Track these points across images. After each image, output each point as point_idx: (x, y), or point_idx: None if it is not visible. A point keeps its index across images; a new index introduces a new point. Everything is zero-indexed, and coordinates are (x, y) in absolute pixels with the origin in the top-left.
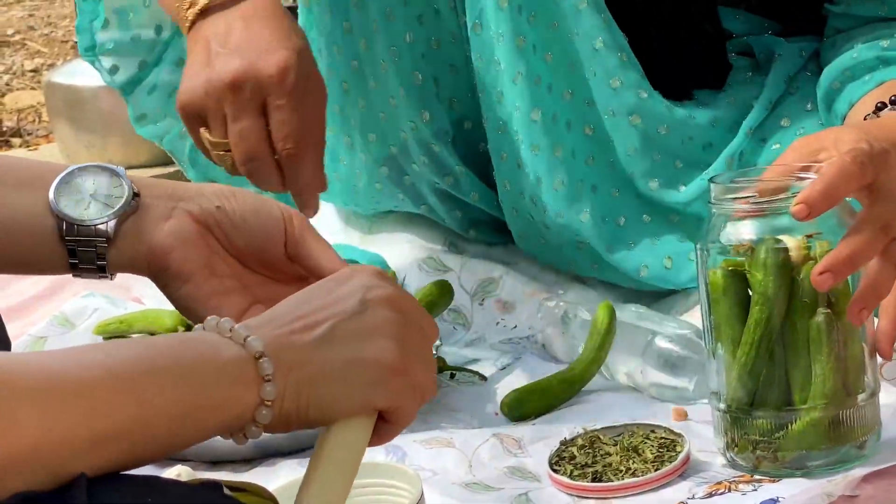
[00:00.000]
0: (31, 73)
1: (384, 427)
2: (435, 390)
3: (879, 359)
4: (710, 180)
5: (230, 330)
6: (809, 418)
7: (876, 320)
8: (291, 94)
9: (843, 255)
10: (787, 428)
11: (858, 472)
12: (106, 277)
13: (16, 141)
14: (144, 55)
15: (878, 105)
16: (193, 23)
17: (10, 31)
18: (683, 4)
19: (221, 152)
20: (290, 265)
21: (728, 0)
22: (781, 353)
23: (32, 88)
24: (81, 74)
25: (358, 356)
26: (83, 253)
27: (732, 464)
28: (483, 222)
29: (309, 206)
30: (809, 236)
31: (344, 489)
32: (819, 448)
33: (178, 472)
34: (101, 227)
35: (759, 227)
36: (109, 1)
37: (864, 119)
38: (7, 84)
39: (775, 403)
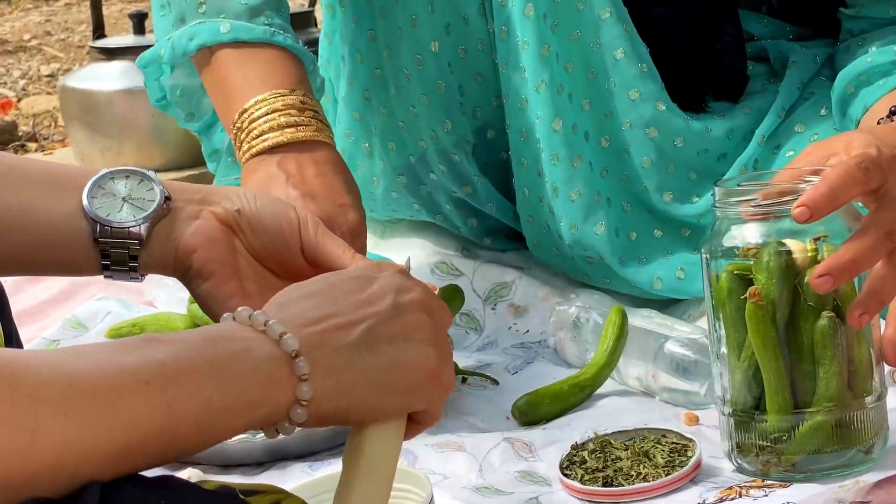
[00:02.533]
0: (48, 78)
1: (411, 427)
2: (455, 385)
3: (888, 366)
4: (716, 184)
5: (264, 324)
6: (813, 421)
7: (883, 323)
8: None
9: (844, 259)
10: (791, 431)
11: (870, 477)
12: (137, 279)
13: (31, 145)
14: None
15: (893, 109)
16: (255, 155)
17: (26, 37)
18: (706, 16)
19: None
20: (310, 269)
21: (749, 3)
22: (786, 357)
23: (48, 93)
24: (96, 79)
25: (398, 361)
26: (116, 255)
27: (739, 468)
28: (498, 231)
29: None
30: (817, 239)
31: (387, 494)
32: (825, 451)
33: (188, 474)
34: (135, 230)
35: (764, 230)
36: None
37: (879, 123)
38: (23, 89)
39: (780, 407)
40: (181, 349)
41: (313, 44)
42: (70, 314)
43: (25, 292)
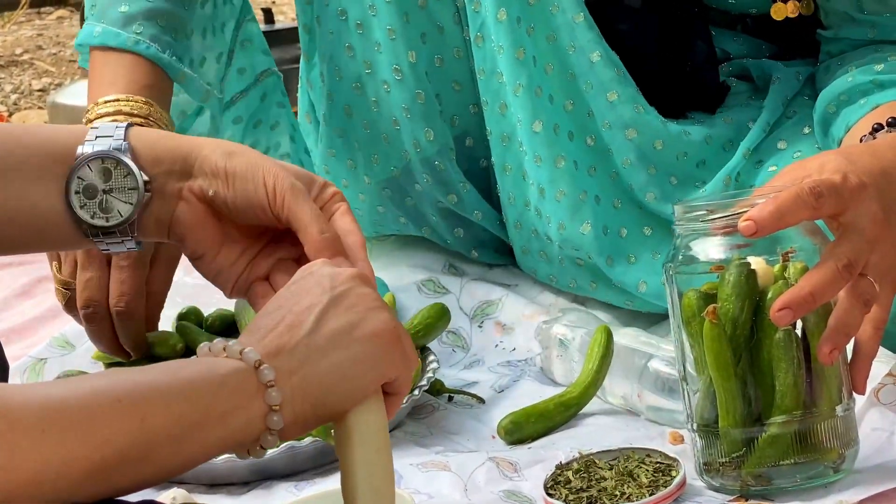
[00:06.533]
0: (39, 93)
1: (388, 401)
2: (417, 358)
3: (874, 382)
4: (675, 204)
5: (224, 349)
6: (769, 434)
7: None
8: (134, 256)
9: (803, 293)
10: (750, 445)
11: (853, 496)
12: (134, 249)
13: None
14: (184, 106)
15: (875, 126)
16: None
17: (18, 51)
18: (673, 32)
19: (61, 288)
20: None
21: (724, 22)
22: (743, 373)
23: (40, 108)
24: (85, 95)
25: (355, 335)
26: (110, 245)
27: (709, 486)
28: (485, 242)
29: (138, 353)
30: (786, 257)
31: (389, 470)
32: (785, 464)
33: (173, 495)
34: (122, 228)
35: (724, 246)
36: None
37: (861, 141)
38: (15, 103)
39: (735, 421)
40: (150, 372)
41: (297, 60)
42: (57, 332)
43: (14, 309)
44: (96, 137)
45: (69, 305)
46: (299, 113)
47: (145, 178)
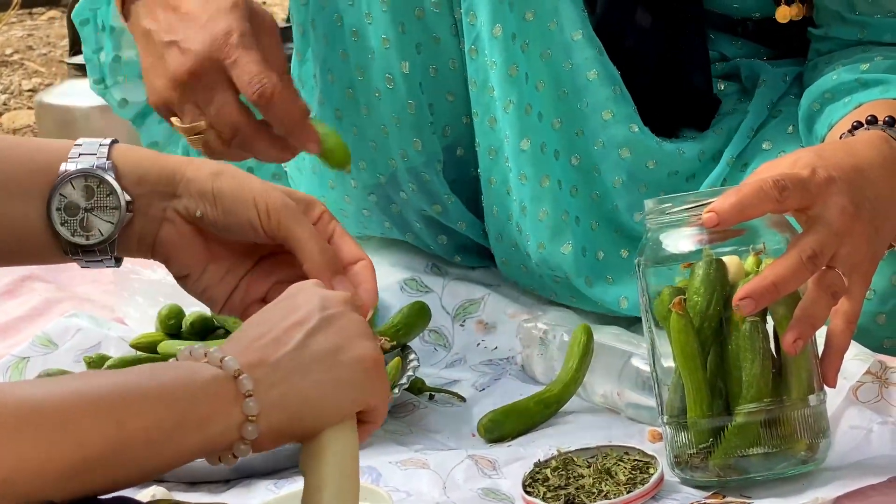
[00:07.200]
0: (29, 93)
1: (362, 429)
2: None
3: (852, 380)
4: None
5: (205, 355)
6: (735, 424)
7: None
8: (238, 46)
9: (765, 283)
10: (718, 436)
11: (830, 492)
12: (113, 266)
13: None
14: None
15: (854, 124)
16: (125, 9)
17: (8, 51)
18: (677, 47)
19: (193, 136)
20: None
21: (724, 26)
22: (715, 363)
23: (29, 108)
24: (73, 95)
25: (338, 359)
26: (89, 263)
27: (681, 479)
28: (469, 248)
29: (309, 140)
30: (759, 253)
31: (356, 494)
32: (752, 454)
33: (152, 493)
34: (102, 248)
35: (693, 240)
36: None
37: (840, 138)
38: (4, 104)
39: (702, 412)
40: (129, 375)
41: (289, 60)
42: (40, 331)
43: None
44: (80, 155)
45: (210, 147)
46: None
47: (128, 197)
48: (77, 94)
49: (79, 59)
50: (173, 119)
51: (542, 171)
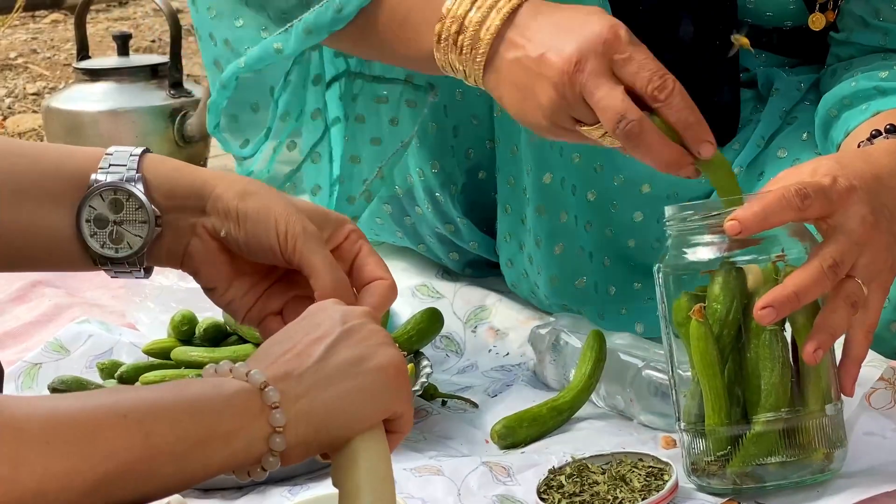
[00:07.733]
0: (33, 97)
1: (390, 437)
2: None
3: (866, 386)
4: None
5: (230, 370)
6: (754, 433)
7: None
8: (630, 42)
9: (787, 292)
10: (736, 444)
11: (845, 499)
12: (143, 277)
13: None
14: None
15: (873, 133)
16: (487, 60)
17: (12, 55)
18: (708, 60)
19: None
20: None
21: (751, 39)
22: (734, 371)
23: (34, 112)
24: (80, 100)
25: (363, 368)
26: (119, 273)
27: (697, 486)
28: (480, 263)
29: (705, 139)
30: (780, 258)
31: (394, 496)
32: (770, 463)
33: (169, 500)
34: (132, 261)
35: (714, 248)
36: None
37: (859, 146)
38: (9, 107)
39: (720, 420)
40: (156, 390)
41: None
42: (52, 337)
43: (8, 314)
44: (110, 165)
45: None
46: None
47: (157, 211)
48: (84, 98)
49: (86, 64)
50: (580, 129)
51: (561, 207)
